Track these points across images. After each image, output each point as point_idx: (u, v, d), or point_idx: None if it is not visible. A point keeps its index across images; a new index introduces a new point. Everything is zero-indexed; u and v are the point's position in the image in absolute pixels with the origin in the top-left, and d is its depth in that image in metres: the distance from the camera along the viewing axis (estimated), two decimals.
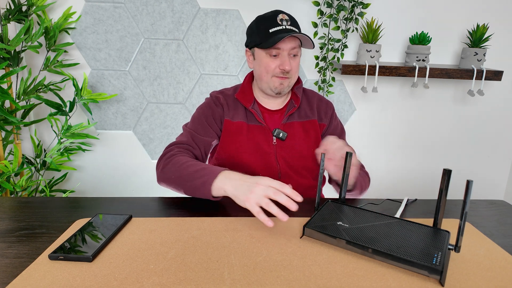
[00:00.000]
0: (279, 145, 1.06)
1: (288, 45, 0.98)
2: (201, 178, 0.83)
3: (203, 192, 0.82)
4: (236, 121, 1.06)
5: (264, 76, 1.02)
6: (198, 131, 1.04)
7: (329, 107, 1.14)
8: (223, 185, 0.79)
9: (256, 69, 1.06)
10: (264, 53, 1.00)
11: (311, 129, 1.09)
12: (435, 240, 0.67)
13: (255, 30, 1.02)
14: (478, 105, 1.82)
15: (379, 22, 1.64)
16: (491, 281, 0.60)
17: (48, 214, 0.81)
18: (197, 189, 0.83)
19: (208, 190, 0.81)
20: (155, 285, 0.57)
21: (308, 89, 1.16)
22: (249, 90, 1.09)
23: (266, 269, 0.61)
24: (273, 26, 0.98)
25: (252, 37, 1.03)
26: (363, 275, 0.61)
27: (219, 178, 0.80)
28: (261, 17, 1.02)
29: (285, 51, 0.99)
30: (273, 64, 1.00)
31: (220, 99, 1.08)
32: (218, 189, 0.81)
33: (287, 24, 0.98)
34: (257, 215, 0.71)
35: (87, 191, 1.86)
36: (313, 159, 1.09)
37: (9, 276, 0.59)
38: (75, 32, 1.61)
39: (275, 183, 0.73)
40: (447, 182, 0.68)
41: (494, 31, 1.69)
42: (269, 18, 0.99)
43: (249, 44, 1.05)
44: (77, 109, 1.72)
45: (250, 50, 1.07)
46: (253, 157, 1.05)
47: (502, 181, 1.96)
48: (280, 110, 1.10)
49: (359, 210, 0.80)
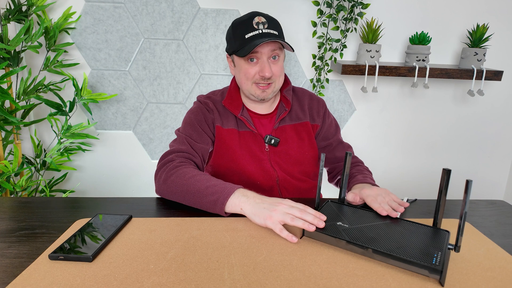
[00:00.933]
0: (272, 151, 1.04)
1: (266, 49, 0.93)
2: (213, 196, 0.80)
3: (216, 209, 0.80)
4: (227, 128, 1.03)
5: (244, 83, 0.99)
6: (194, 137, 1.00)
7: (321, 105, 1.11)
8: (240, 203, 0.77)
9: (236, 76, 1.02)
10: (242, 60, 0.96)
11: (303, 132, 1.06)
12: (435, 240, 0.67)
13: (232, 36, 0.97)
14: (478, 105, 1.82)
15: (379, 22, 1.64)
16: (491, 281, 0.60)
17: (48, 214, 0.81)
18: (209, 206, 0.81)
19: (222, 209, 0.79)
20: (155, 285, 0.57)
21: (298, 87, 1.13)
22: (236, 96, 1.05)
23: (266, 269, 0.61)
24: (249, 31, 0.93)
25: (230, 43, 0.99)
26: (363, 275, 0.61)
27: (235, 195, 0.79)
28: (237, 22, 0.97)
29: (264, 55, 0.94)
30: (252, 71, 0.96)
31: (209, 104, 1.04)
32: (233, 206, 0.78)
33: (263, 27, 0.93)
34: (280, 232, 0.70)
35: (87, 191, 1.86)
36: (308, 163, 1.07)
37: (9, 276, 0.59)
38: (75, 32, 1.61)
39: (299, 205, 0.74)
40: (447, 182, 0.68)
41: (494, 31, 1.69)
42: (244, 22, 0.94)
43: (228, 50, 1.01)
44: (77, 109, 1.72)
45: (230, 57, 1.03)
46: (250, 164, 1.03)
47: (502, 181, 1.96)
48: (270, 114, 1.07)
49: (359, 210, 0.80)
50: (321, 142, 1.11)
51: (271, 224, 0.71)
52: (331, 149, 1.12)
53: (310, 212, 0.72)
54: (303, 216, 0.71)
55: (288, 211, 0.72)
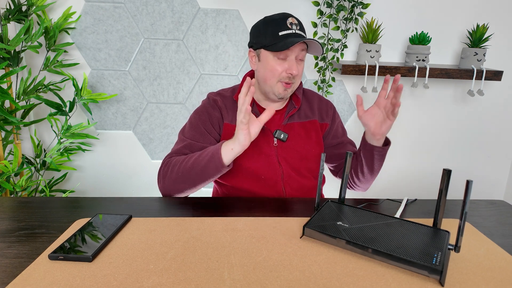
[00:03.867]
0: (280, 146, 1.05)
1: (296, 49, 0.97)
2: (207, 156, 0.90)
3: (215, 164, 0.89)
4: (236, 124, 1.03)
5: (269, 79, 1.00)
6: (196, 138, 1.02)
7: (330, 107, 1.13)
8: (228, 146, 0.89)
9: (260, 71, 1.02)
10: (271, 56, 0.98)
11: (311, 129, 1.08)
12: (435, 240, 0.67)
13: (263, 31, 0.99)
14: (478, 105, 1.82)
15: (379, 22, 1.64)
16: (491, 281, 0.60)
17: (48, 214, 0.81)
18: (207, 166, 0.89)
19: (219, 160, 0.88)
20: (155, 285, 0.57)
21: (307, 89, 1.15)
22: None
23: (266, 269, 0.61)
24: (283, 29, 0.96)
25: (259, 38, 1.00)
26: (363, 275, 0.61)
27: (223, 146, 0.90)
28: (270, 19, 0.99)
29: (294, 54, 0.97)
30: (280, 68, 0.98)
31: (218, 102, 1.06)
32: (226, 152, 0.88)
33: (296, 28, 0.97)
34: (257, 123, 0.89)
35: (87, 191, 1.86)
36: (314, 160, 1.08)
37: (9, 276, 0.59)
38: (75, 32, 1.61)
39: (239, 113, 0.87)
40: (447, 182, 0.68)
41: (494, 31, 1.69)
42: (278, 20, 0.97)
43: (255, 45, 1.01)
44: (77, 109, 1.72)
45: (254, 51, 1.03)
46: (255, 160, 1.03)
47: (502, 181, 1.96)
48: (280, 111, 1.08)
49: (359, 210, 0.80)
50: (332, 141, 1.13)
51: (247, 133, 0.87)
52: (342, 145, 1.14)
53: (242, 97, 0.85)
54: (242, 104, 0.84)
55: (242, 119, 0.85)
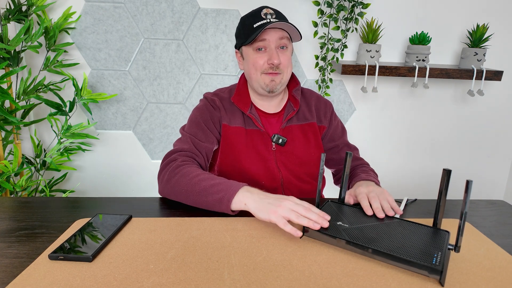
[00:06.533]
0: (278, 150, 1.03)
1: (274, 36, 0.94)
2: (219, 194, 0.79)
3: (221, 208, 0.79)
4: (234, 126, 1.02)
5: (253, 74, 0.99)
6: (199, 136, 0.99)
7: (328, 107, 1.11)
8: (244, 199, 0.77)
9: (245, 68, 1.03)
10: (250, 50, 0.97)
11: (310, 132, 1.06)
12: (435, 240, 0.67)
13: (241, 28, 0.99)
14: (478, 105, 1.82)
15: (379, 22, 1.64)
16: (491, 281, 0.60)
17: (48, 214, 0.81)
18: (214, 205, 0.80)
19: (228, 206, 0.78)
20: (155, 285, 0.57)
21: (306, 88, 1.14)
22: (245, 93, 1.05)
23: (266, 269, 0.61)
24: (257, 21, 0.94)
25: (239, 37, 1.00)
26: (363, 275, 0.61)
27: (240, 192, 0.78)
28: (246, 16, 0.99)
29: (272, 43, 0.95)
30: (261, 60, 0.96)
31: (216, 102, 1.04)
32: (238, 203, 0.78)
33: (271, 17, 0.95)
34: (284, 226, 0.69)
35: (87, 191, 1.86)
36: (313, 164, 1.06)
37: (9, 276, 0.59)
38: (75, 32, 1.61)
39: (304, 203, 0.73)
40: (447, 182, 0.68)
41: (494, 31, 1.69)
42: (253, 14, 0.97)
43: (237, 44, 1.03)
44: (77, 109, 1.72)
45: (239, 51, 1.04)
46: (254, 165, 1.02)
47: (502, 181, 1.96)
48: (278, 113, 1.06)
49: (359, 210, 0.80)
50: (327, 144, 1.11)
51: (275, 218, 0.70)
52: (337, 150, 1.11)
53: (314, 211, 0.72)
54: (308, 215, 0.70)
55: (293, 208, 0.71)
